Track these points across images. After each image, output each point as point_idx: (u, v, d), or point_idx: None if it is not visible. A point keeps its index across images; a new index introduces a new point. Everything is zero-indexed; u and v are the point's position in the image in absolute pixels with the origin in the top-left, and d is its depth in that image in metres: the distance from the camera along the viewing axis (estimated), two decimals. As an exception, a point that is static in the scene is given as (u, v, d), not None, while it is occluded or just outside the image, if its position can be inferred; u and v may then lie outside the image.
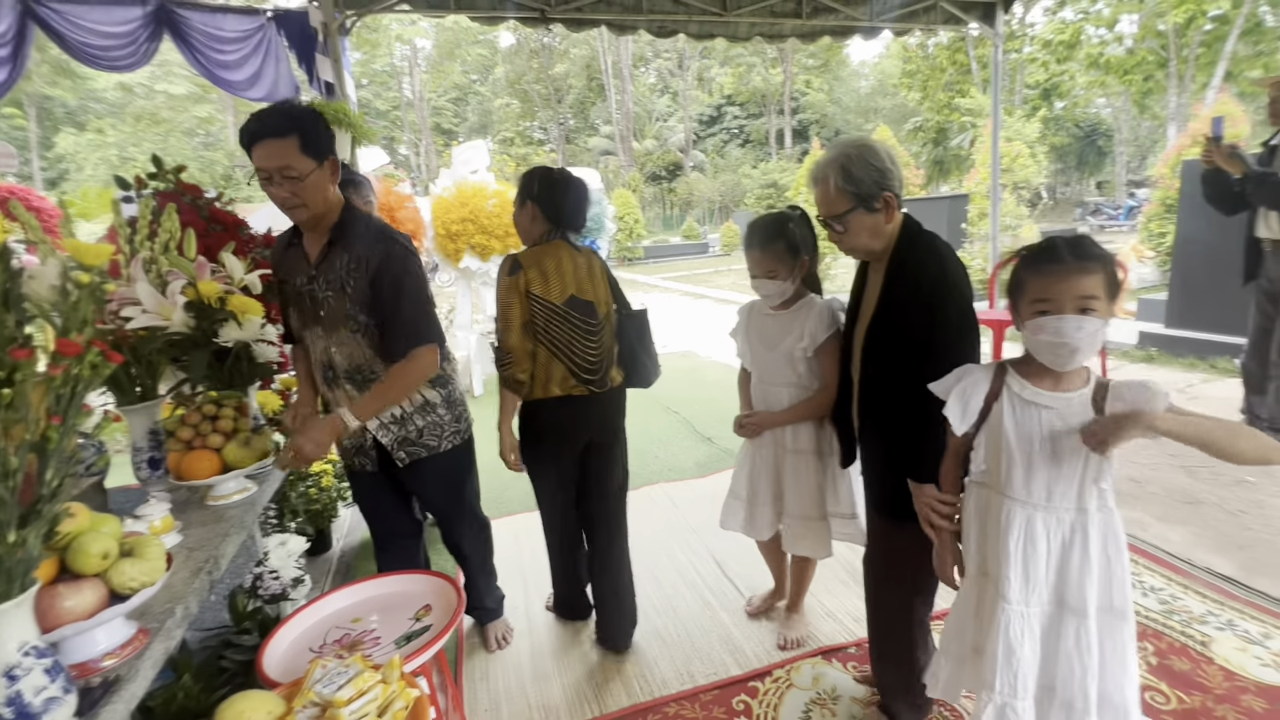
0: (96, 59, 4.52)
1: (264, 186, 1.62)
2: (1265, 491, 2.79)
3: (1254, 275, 3.13)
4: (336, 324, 1.74)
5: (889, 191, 1.44)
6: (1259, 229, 3.03)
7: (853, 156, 1.44)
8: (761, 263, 1.82)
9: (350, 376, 1.80)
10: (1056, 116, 22.85)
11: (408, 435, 1.86)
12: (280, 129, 1.57)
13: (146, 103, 16.69)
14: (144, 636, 1.13)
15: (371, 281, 1.68)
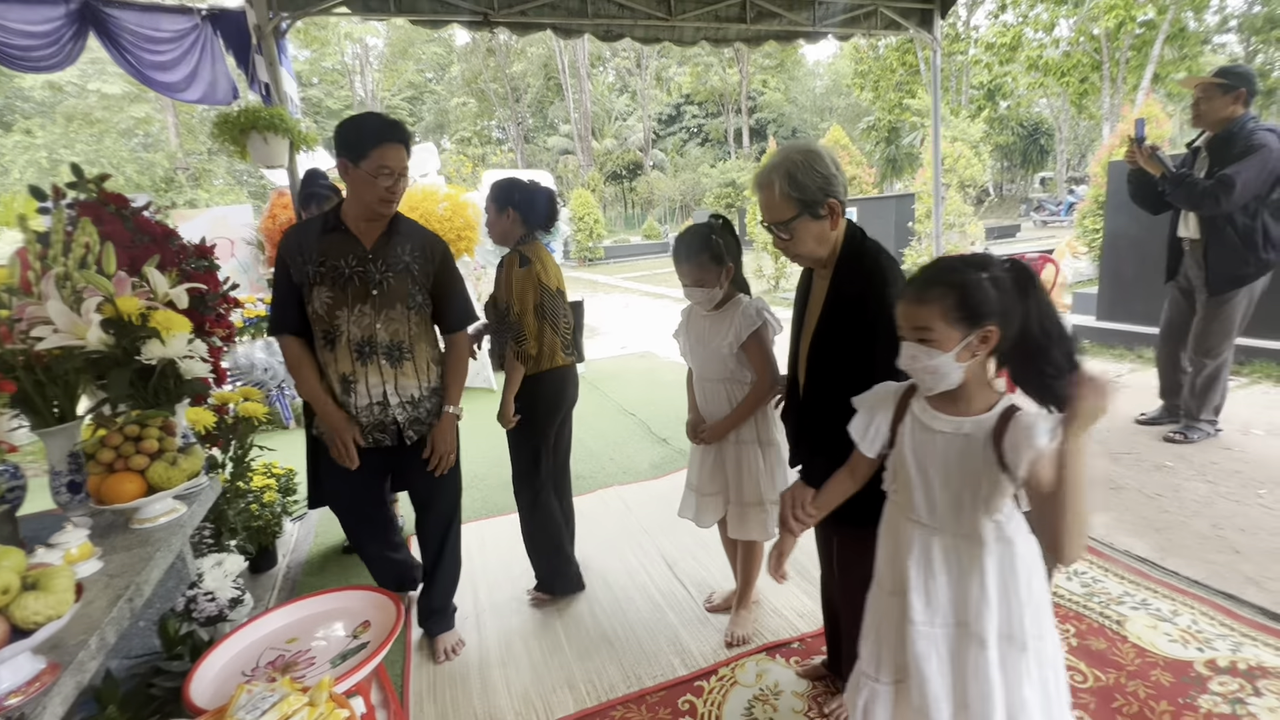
0: (17, 60, 4.29)
1: (377, 182, 1.84)
2: (1181, 476, 2.96)
3: (1175, 273, 3.28)
4: (393, 301, 1.97)
5: (834, 198, 1.45)
6: (1180, 229, 3.17)
7: (798, 163, 1.44)
8: (689, 274, 1.94)
9: (388, 352, 1.99)
10: (1001, 116, 23.67)
11: (419, 415, 2.05)
12: (407, 138, 1.91)
13: (78, 102, 15.89)
14: (54, 671, 1.09)
15: (438, 268, 2.03)
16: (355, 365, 1.97)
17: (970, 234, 8.31)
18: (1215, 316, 3.07)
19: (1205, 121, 3.00)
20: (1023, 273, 1.13)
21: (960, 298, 1.11)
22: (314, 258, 1.95)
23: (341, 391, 2.00)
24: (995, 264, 1.14)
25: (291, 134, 3.11)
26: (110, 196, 2.44)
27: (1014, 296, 1.11)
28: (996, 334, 1.11)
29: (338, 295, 1.94)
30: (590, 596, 2.44)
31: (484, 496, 3.48)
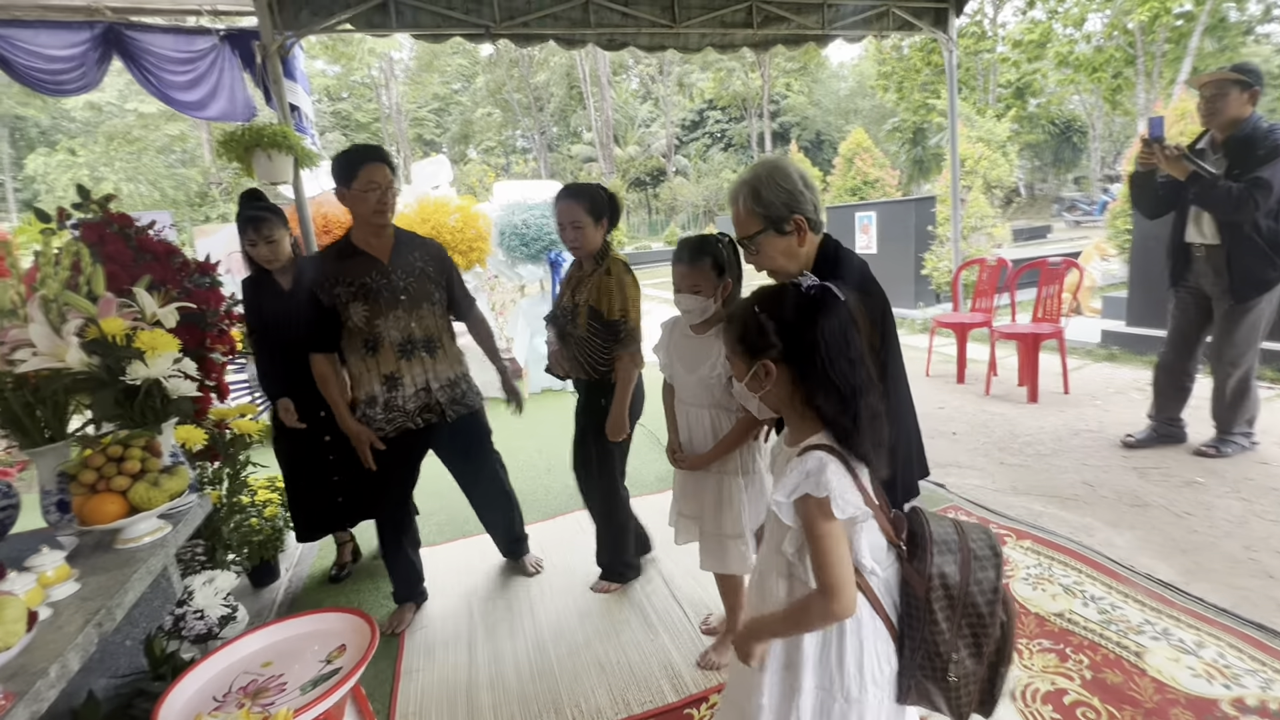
0: (44, 83, 4.45)
1: (369, 196, 2.12)
2: (1213, 493, 2.80)
3: (1180, 279, 3.12)
4: (419, 302, 2.29)
5: (799, 214, 1.44)
6: (1189, 234, 3.00)
7: (762, 178, 1.44)
8: (687, 277, 1.84)
9: (425, 345, 2.31)
10: (1031, 114, 23.09)
11: (456, 396, 2.39)
12: (387, 157, 2.17)
13: (118, 121, 16.52)
14: (8, 701, 1.08)
15: (447, 269, 2.40)
16: (399, 363, 2.27)
17: (996, 236, 8.08)
18: (1239, 324, 2.91)
19: (1218, 120, 2.82)
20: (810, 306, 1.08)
21: (739, 332, 1.14)
22: (342, 280, 2.20)
23: (387, 390, 2.28)
24: (783, 298, 1.11)
25: (295, 151, 3.14)
26: (114, 216, 2.49)
27: (795, 332, 1.09)
28: (773, 369, 1.10)
29: (373, 307, 2.21)
30: (585, 617, 2.40)
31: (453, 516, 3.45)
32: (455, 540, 3.15)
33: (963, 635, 1.12)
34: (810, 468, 1.04)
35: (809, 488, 1.03)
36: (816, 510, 1.04)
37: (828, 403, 1.06)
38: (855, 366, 1.07)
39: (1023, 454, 3.44)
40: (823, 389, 1.06)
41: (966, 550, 1.14)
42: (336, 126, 32.08)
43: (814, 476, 1.04)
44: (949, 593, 1.11)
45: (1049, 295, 4.34)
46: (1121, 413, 3.87)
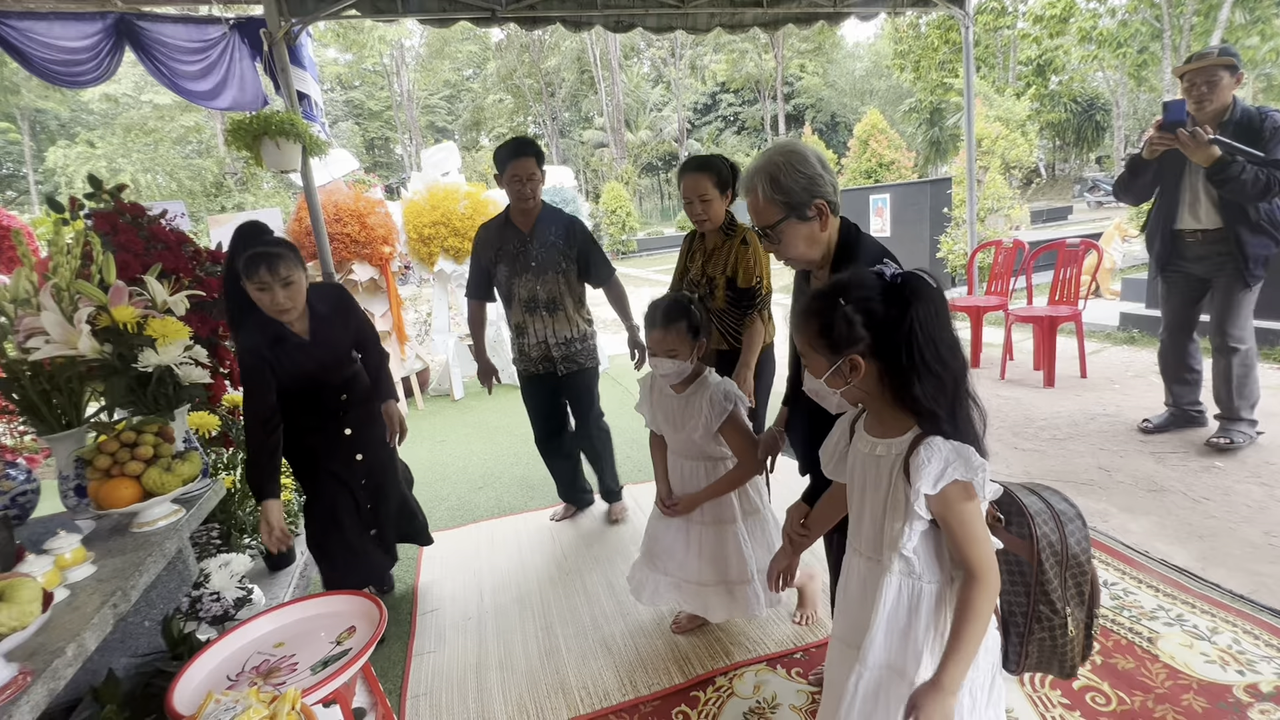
0: (59, 75, 4.49)
1: (515, 186, 2.55)
2: (1232, 477, 2.74)
3: (1168, 265, 3.06)
4: (546, 269, 2.65)
5: (821, 198, 1.40)
6: (1182, 220, 2.93)
7: (780, 165, 1.39)
8: (662, 342, 1.83)
9: (547, 305, 2.68)
10: (1052, 93, 22.51)
11: (569, 353, 2.75)
12: (533, 151, 2.55)
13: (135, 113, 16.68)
14: (25, 678, 1.11)
15: (579, 243, 2.69)
16: (525, 317, 2.71)
17: (1014, 218, 7.93)
18: (1244, 303, 2.86)
19: (1211, 107, 2.71)
20: (899, 295, 1.04)
21: (820, 326, 1.08)
22: (495, 245, 2.69)
23: (517, 336, 2.77)
24: (867, 288, 1.06)
25: (304, 139, 3.15)
26: (125, 206, 2.52)
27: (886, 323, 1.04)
28: (862, 364, 1.06)
29: (510, 268, 2.67)
30: (593, 600, 2.42)
31: (497, 496, 3.49)
32: (465, 525, 3.18)
33: (1069, 590, 1.20)
34: (948, 455, 1.01)
35: (959, 473, 1.00)
36: (962, 494, 1.01)
37: (926, 393, 1.02)
38: (955, 352, 1.04)
39: (1037, 439, 3.39)
40: (919, 379, 1.02)
41: (1054, 510, 1.21)
42: (349, 115, 32.15)
43: (959, 460, 1.00)
44: (1055, 554, 1.17)
45: (1067, 278, 4.26)
46: (1140, 396, 3.80)
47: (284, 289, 1.91)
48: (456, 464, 4.04)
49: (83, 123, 19.46)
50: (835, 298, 1.07)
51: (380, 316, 5.22)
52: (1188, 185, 2.91)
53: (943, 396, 1.03)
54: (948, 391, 1.03)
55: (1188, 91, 2.78)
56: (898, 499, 1.08)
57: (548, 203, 2.71)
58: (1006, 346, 4.50)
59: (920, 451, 1.02)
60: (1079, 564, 1.19)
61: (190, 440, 1.99)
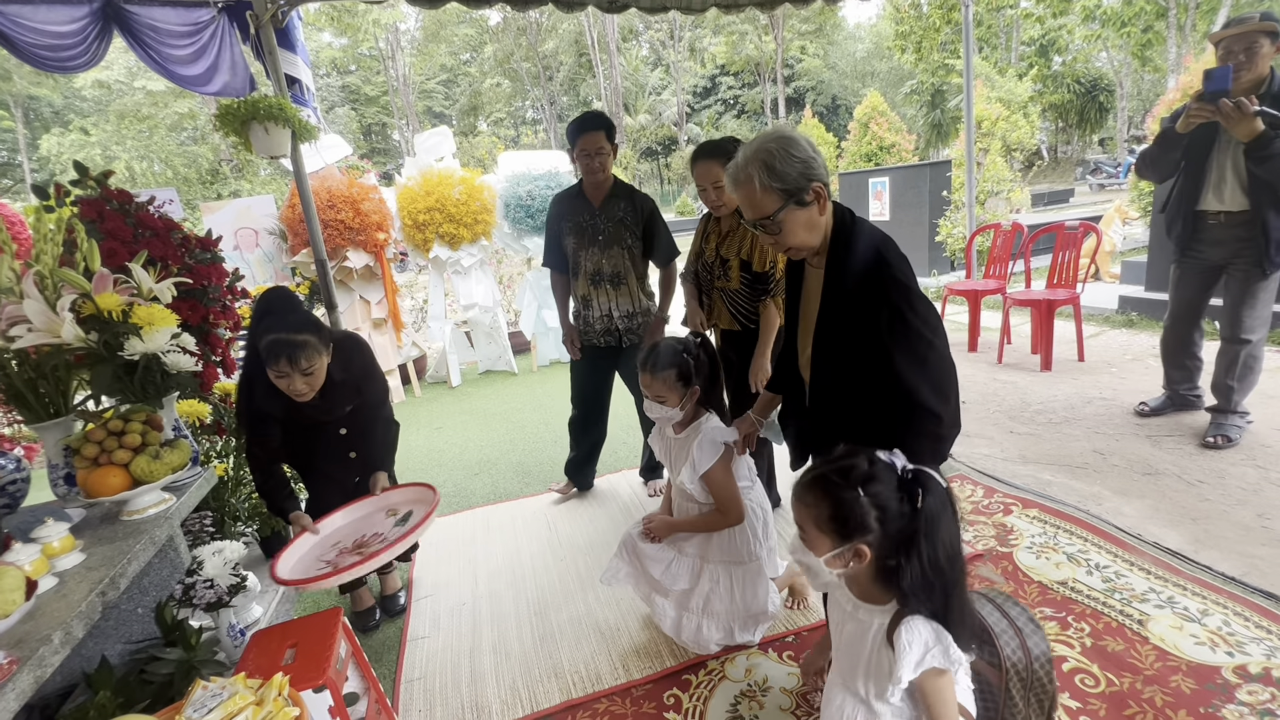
0: (47, 61, 4.42)
1: (584, 159, 2.60)
2: (1227, 460, 2.74)
3: (1188, 249, 2.95)
4: (612, 243, 2.72)
5: (817, 181, 1.36)
6: (1206, 201, 2.81)
7: (774, 151, 1.34)
8: (651, 387, 1.85)
9: (611, 279, 2.75)
10: (1055, 73, 22.25)
11: (633, 326, 2.81)
12: (602, 125, 2.58)
13: (128, 100, 16.53)
14: (12, 666, 1.11)
15: (645, 219, 2.74)
16: (590, 289, 2.78)
17: (1015, 201, 7.86)
18: (1261, 291, 2.76)
19: (1248, 77, 2.58)
20: (910, 493, 1.05)
21: (833, 511, 1.07)
22: (566, 216, 2.77)
23: (583, 308, 2.83)
24: (884, 481, 1.06)
25: (293, 124, 3.11)
26: (112, 193, 2.49)
27: (896, 519, 1.05)
28: (868, 553, 1.06)
29: (578, 240, 2.75)
30: (587, 585, 2.42)
31: (493, 482, 3.50)
32: (461, 512, 3.19)
33: (1032, 707, 1.23)
34: (928, 640, 1.03)
35: (936, 660, 1.03)
36: (938, 678, 1.05)
37: (913, 588, 1.04)
38: (954, 561, 1.04)
39: (1033, 422, 3.39)
40: (910, 574, 1.03)
41: (1017, 628, 1.21)
42: (346, 100, 31.84)
43: (938, 648, 1.03)
44: (1020, 677, 1.19)
45: (1065, 261, 4.23)
46: (1137, 380, 3.79)
47: (304, 378, 1.89)
48: (453, 450, 4.04)
49: (76, 110, 19.27)
50: (854, 485, 1.06)
51: (376, 303, 5.20)
52: (1215, 164, 2.76)
53: (929, 595, 1.04)
54: (935, 594, 1.04)
55: (1223, 59, 2.63)
56: (881, 665, 1.10)
57: (619, 178, 2.77)
58: (1004, 330, 4.49)
59: (902, 634, 1.04)
60: (1041, 683, 1.22)
61: (179, 428, 1.98)
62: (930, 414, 1.30)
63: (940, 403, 1.31)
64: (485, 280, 5.58)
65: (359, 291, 5.13)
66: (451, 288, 5.58)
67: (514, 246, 5.65)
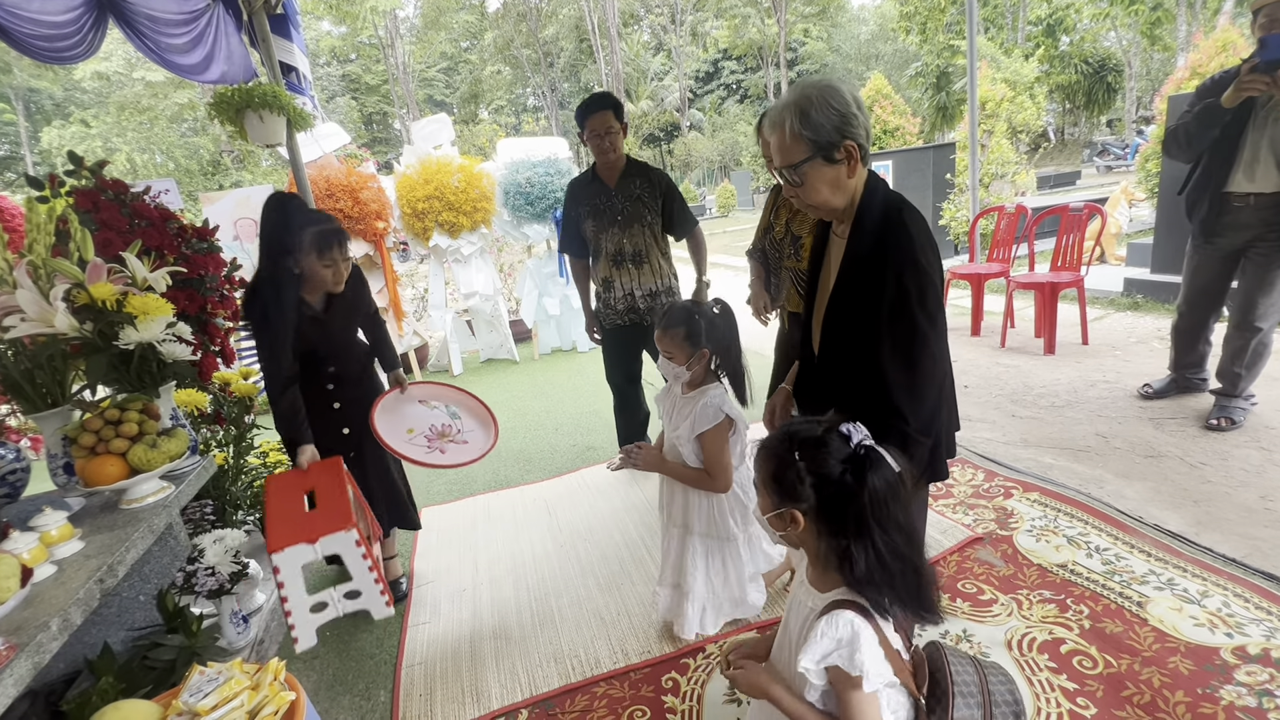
0: (43, 51, 4.39)
1: (595, 140, 2.65)
2: (1231, 441, 2.72)
3: (1213, 233, 2.82)
4: (632, 222, 2.75)
5: (851, 140, 1.28)
6: (1236, 182, 2.68)
7: (813, 99, 1.27)
8: (660, 342, 1.85)
9: (633, 258, 2.78)
10: (1062, 53, 21.91)
11: (655, 305, 2.82)
12: (608, 105, 2.63)
13: (128, 91, 16.48)
14: (10, 652, 1.12)
15: (663, 194, 2.77)
16: (611, 270, 2.81)
17: (1020, 183, 7.77)
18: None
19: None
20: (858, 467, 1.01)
21: (772, 469, 1.09)
22: (583, 200, 2.79)
23: (604, 290, 2.86)
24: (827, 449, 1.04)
25: (288, 111, 3.09)
26: (107, 183, 2.48)
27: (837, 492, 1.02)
28: (801, 520, 1.06)
29: (597, 223, 2.77)
30: (586, 572, 2.43)
31: (494, 470, 3.50)
32: (461, 499, 3.20)
33: None
34: (843, 636, 1.00)
35: (841, 660, 1.00)
36: (848, 681, 1.01)
37: (860, 568, 1.00)
38: (900, 540, 1.01)
39: (1035, 406, 3.37)
40: (857, 553, 1.00)
41: (987, 696, 1.11)
42: (346, 90, 31.65)
43: (846, 649, 1.00)
44: None
45: (1069, 244, 4.18)
46: (1142, 363, 3.76)
47: (344, 265, 2.10)
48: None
49: (77, 102, 19.23)
50: (793, 451, 1.05)
51: (377, 293, 5.19)
52: (1249, 141, 2.62)
53: (874, 576, 1.01)
54: (882, 573, 1.00)
55: (1266, 29, 2.45)
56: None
57: (632, 156, 2.80)
58: (1008, 313, 4.45)
59: (821, 622, 1.02)
60: None
61: (177, 417, 1.99)
62: (897, 413, 1.27)
63: (911, 405, 1.27)
64: (486, 268, 5.56)
65: (359, 281, 5.12)
66: (452, 276, 5.58)
67: (514, 234, 5.63)
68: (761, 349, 2.21)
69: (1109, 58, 23.79)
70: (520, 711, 1.79)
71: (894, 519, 1.00)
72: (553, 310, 5.76)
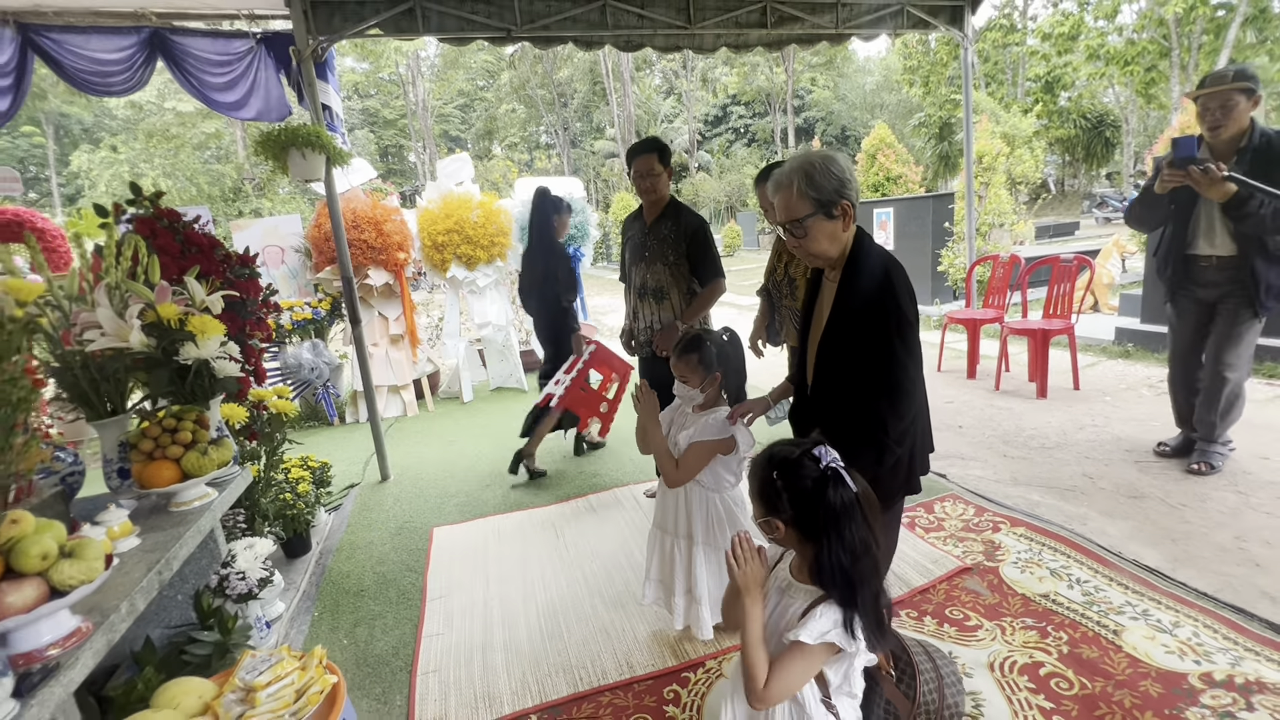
0: (94, 85, 4.71)
1: (638, 181, 2.86)
2: (1210, 484, 2.85)
3: (1180, 289, 3.00)
4: (655, 260, 2.91)
5: (847, 200, 1.54)
6: (1198, 246, 2.87)
7: (816, 165, 1.53)
8: (676, 368, 2.06)
9: (654, 293, 2.94)
10: (1061, 109, 22.60)
11: None
12: (650, 148, 2.83)
13: (157, 120, 17.12)
14: (88, 629, 1.26)
15: (690, 239, 2.86)
16: (637, 301, 3.01)
17: (1018, 233, 8.03)
18: (1247, 333, 2.83)
19: (1225, 132, 2.68)
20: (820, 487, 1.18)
21: (758, 486, 1.25)
22: (626, 233, 3.05)
23: (632, 319, 3.08)
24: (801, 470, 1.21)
25: (328, 150, 3.32)
26: (164, 212, 2.69)
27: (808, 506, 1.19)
28: (782, 529, 1.23)
29: (631, 255, 3.01)
30: (594, 589, 2.55)
31: (504, 493, 3.63)
32: (474, 519, 3.32)
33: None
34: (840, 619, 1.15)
35: (836, 639, 1.15)
36: (825, 650, 1.17)
37: (825, 570, 1.17)
38: (858, 557, 1.16)
39: (1026, 447, 3.50)
40: (826, 559, 1.17)
41: (940, 676, 1.32)
42: (365, 124, 32.63)
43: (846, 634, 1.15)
44: (929, 716, 1.28)
45: (1060, 293, 4.37)
46: (1130, 409, 3.90)
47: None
48: (465, 462, 4.19)
49: (106, 128, 19.92)
50: (773, 468, 1.24)
51: (394, 320, 5.39)
52: (1203, 212, 2.82)
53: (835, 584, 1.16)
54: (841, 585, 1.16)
55: (1201, 116, 2.71)
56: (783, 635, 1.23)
57: (676, 199, 2.95)
58: (1002, 358, 4.62)
59: (818, 608, 1.18)
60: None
61: (222, 429, 2.14)
62: (880, 425, 1.47)
63: (892, 416, 1.48)
64: (499, 300, 5.77)
65: (378, 308, 5.33)
66: (466, 306, 5.78)
67: (528, 268, 5.85)
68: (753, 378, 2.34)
69: (1107, 113, 24.52)
70: (530, 717, 1.89)
71: (853, 531, 1.16)
72: (562, 342, 5.94)
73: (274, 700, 1.23)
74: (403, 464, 4.20)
